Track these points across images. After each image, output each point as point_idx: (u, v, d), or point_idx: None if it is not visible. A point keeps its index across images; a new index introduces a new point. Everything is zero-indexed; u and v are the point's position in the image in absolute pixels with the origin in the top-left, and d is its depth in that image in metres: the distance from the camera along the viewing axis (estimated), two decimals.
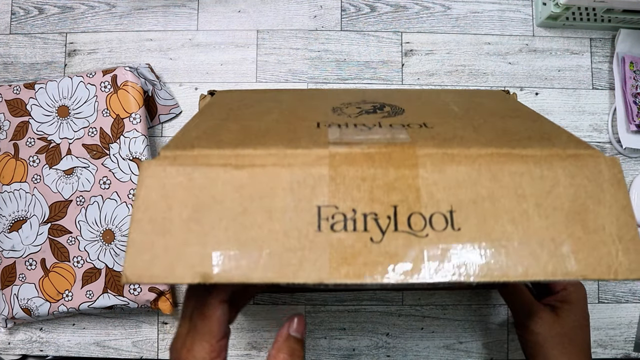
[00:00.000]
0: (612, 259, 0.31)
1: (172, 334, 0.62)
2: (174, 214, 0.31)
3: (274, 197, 0.31)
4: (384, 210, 0.31)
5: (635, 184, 0.64)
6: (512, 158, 0.32)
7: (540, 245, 0.31)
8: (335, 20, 0.67)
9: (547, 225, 0.31)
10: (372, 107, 0.42)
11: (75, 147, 0.61)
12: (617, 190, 0.32)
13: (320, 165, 0.32)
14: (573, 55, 0.67)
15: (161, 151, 0.32)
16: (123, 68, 0.61)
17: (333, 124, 0.37)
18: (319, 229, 0.31)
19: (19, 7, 0.67)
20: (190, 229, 0.31)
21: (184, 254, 0.30)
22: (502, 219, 0.31)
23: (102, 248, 0.59)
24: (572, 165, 0.32)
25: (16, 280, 0.60)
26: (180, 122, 0.65)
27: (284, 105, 0.42)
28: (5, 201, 0.61)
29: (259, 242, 0.31)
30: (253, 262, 0.30)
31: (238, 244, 0.31)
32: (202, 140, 0.34)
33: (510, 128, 0.36)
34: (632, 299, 0.64)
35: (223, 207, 0.31)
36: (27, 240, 0.60)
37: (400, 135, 0.34)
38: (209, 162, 0.32)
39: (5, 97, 0.62)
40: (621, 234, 0.31)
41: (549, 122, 0.38)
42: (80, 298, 0.59)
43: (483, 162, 0.32)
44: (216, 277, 0.30)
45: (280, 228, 0.31)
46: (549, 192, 0.32)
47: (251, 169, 0.32)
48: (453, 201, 0.31)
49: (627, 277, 0.30)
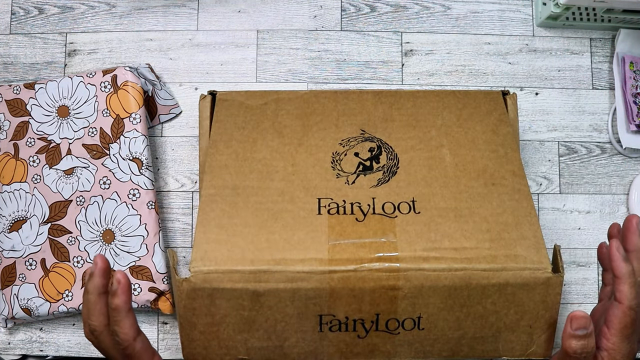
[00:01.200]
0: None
1: (172, 334, 0.62)
2: (199, 321, 0.44)
3: (285, 308, 0.44)
4: (369, 317, 0.44)
5: (635, 184, 0.64)
6: (474, 275, 0.43)
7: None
8: (335, 20, 0.67)
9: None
10: (370, 156, 0.49)
11: (75, 147, 0.61)
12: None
13: (322, 286, 0.43)
14: (573, 55, 0.67)
15: (190, 268, 0.43)
16: (123, 68, 0.61)
17: (332, 208, 0.46)
18: (320, 330, 0.44)
19: (19, 7, 0.67)
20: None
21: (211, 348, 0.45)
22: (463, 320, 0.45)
23: (102, 248, 0.59)
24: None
25: (16, 280, 0.60)
26: (180, 122, 0.65)
27: (288, 159, 0.50)
28: (5, 201, 0.61)
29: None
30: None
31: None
32: (220, 251, 0.44)
33: (489, 217, 0.46)
34: None
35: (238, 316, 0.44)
36: (27, 240, 0.60)
37: (389, 248, 0.44)
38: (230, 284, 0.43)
39: (5, 97, 0.62)
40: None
41: (526, 192, 0.47)
42: (81, 298, 0.59)
43: (455, 278, 0.43)
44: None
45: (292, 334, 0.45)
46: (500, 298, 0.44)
47: (266, 285, 0.43)
48: (422, 311, 0.44)
49: None
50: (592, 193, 0.65)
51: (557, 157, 0.65)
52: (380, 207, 0.46)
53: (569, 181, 0.65)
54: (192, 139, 0.65)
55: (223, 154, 0.50)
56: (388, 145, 0.50)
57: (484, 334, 0.45)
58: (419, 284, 0.43)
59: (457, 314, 0.44)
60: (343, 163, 0.49)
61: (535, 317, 0.44)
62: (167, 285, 0.60)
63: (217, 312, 0.44)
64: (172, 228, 0.64)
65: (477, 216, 0.46)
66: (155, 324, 0.63)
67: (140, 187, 0.59)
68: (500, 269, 0.43)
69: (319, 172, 0.48)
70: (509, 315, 0.44)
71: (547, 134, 0.66)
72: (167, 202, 0.64)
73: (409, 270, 0.42)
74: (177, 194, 0.64)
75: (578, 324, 0.41)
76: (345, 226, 0.45)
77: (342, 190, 0.47)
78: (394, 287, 0.42)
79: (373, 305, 0.43)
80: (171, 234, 0.63)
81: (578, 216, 0.64)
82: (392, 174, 0.48)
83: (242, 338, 0.45)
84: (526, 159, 0.65)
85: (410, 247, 0.43)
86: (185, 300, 0.43)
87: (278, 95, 0.55)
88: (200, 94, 0.55)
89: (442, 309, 0.44)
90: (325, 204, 0.46)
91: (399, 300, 0.43)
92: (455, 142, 0.50)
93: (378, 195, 0.47)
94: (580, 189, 0.65)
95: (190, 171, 0.64)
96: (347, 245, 0.44)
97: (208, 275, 0.42)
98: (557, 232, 0.64)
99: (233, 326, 0.44)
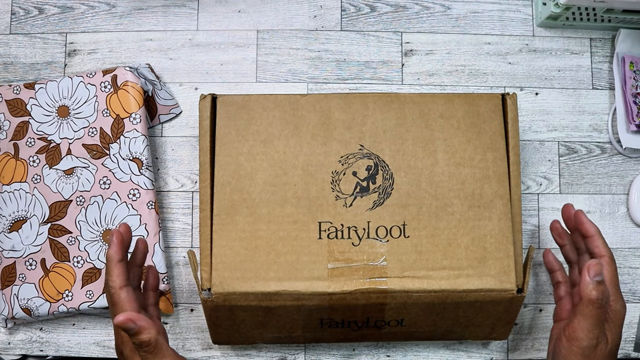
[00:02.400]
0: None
1: (172, 334, 0.62)
2: (222, 323, 0.55)
3: (292, 315, 0.54)
4: (361, 320, 0.54)
5: (635, 184, 0.64)
6: (451, 295, 0.52)
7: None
8: (335, 20, 0.67)
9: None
10: (367, 175, 0.54)
11: (75, 147, 0.61)
12: None
13: (322, 303, 0.52)
14: (573, 55, 0.67)
15: (212, 291, 0.52)
16: (123, 68, 0.61)
17: (331, 232, 0.53)
18: (321, 327, 0.55)
19: (19, 7, 0.67)
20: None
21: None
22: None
23: (102, 248, 0.59)
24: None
25: (16, 280, 0.60)
26: (180, 122, 0.65)
27: (290, 177, 0.54)
28: (5, 201, 0.61)
29: None
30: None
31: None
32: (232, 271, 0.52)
33: (470, 241, 0.53)
34: (632, 299, 0.64)
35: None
36: (27, 240, 0.60)
37: (380, 272, 0.52)
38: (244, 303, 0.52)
39: (5, 97, 0.62)
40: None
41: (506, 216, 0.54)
42: (81, 298, 0.59)
43: (434, 297, 0.52)
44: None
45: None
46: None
47: (275, 303, 0.52)
48: (405, 316, 0.54)
49: None
50: (592, 193, 0.65)
51: (557, 157, 0.65)
52: (374, 231, 0.53)
53: (569, 181, 0.65)
54: (192, 139, 0.65)
55: (227, 169, 0.54)
56: (385, 163, 0.54)
57: (454, 328, 0.57)
58: (404, 301, 0.52)
59: (434, 317, 0.55)
60: (342, 183, 0.54)
61: (497, 319, 0.55)
62: (167, 285, 0.60)
63: (236, 318, 0.54)
64: (172, 228, 0.64)
65: (460, 240, 0.53)
66: None
67: (140, 187, 0.59)
68: (474, 290, 0.52)
69: (320, 193, 0.54)
70: (476, 319, 0.55)
71: (547, 134, 0.66)
72: (167, 202, 0.64)
73: (396, 292, 0.52)
74: (177, 194, 0.64)
75: (595, 271, 0.45)
76: (343, 251, 0.53)
77: (340, 215, 0.53)
78: (383, 303, 0.52)
79: (365, 313, 0.54)
80: (171, 234, 0.63)
81: None
82: (386, 195, 0.54)
83: (258, 332, 0.56)
84: (526, 159, 0.65)
85: (398, 271, 0.52)
86: (210, 312, 0.53)
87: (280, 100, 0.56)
88: (200, 94, 0.55)
89: (422, 315, 0.54)
90: (325, 227, 0.53)
91: (386, 310, 0.53)
92: (449, 159, 0.55)
93: (373, 219, 0.53)
94: (580, 189, 0.65)
95: (190, 171, 0.64)
96: (343, 269, 0.52)
97: (228, 297, 0.52)
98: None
99: (250, 325, 0.55)
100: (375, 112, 0.55)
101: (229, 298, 0.52)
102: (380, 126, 0.55)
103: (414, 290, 0.51)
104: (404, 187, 0.54)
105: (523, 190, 0.64)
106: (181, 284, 0.63)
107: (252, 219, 0.53)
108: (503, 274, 0.52)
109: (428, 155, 0.54)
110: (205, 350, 0.62)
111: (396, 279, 0.52)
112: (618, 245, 0.64)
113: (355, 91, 0.66)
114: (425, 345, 0.62)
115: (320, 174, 0.54)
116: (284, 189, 0.53)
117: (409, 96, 0.56)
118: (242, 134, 0.54)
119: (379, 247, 0.53)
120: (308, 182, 0.54)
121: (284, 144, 0.54)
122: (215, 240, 0.52)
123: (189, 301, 0.63)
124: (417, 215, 0.53)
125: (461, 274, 0.52)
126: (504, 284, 0.52)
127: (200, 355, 0.62)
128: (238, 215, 0.53)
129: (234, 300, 0.52)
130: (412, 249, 0.53)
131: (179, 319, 0.63)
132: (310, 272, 0.52)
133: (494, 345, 0.63)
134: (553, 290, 0.58)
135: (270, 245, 0.52)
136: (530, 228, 0.64)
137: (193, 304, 0.63)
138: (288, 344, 0.62)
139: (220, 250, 0.52)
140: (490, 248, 0.53)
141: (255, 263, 0.52)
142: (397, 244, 0.53)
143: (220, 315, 0.53)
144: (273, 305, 0.52)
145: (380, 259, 0.52)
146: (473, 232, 0.53)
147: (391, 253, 0.52)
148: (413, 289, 0.51)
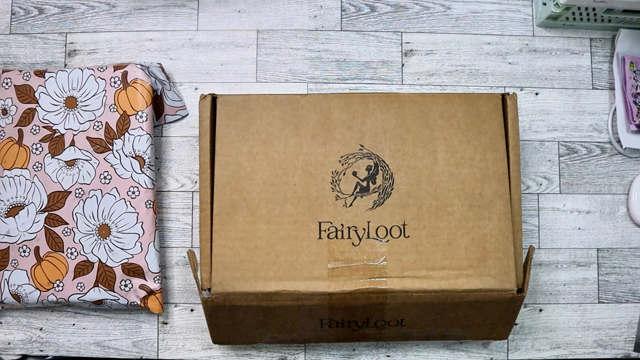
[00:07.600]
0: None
1: (172, 334, 0.62)
2: (222, 323, 0.55)
3: (292, 315, 0.54)
4: (361, 320, 0.54)
5: (635, 184, 0.64)
6: (451, 295, 0.52)
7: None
8: (335, 20, 0.67)
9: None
10: (367, 175, 0.54)
11: (79, 139, 0.61)
12: None
13: (322, 303, 0.52)
14: (573, 55, 0.67)
15: (212, 291, 0.52)
16: (135, 65, 0.61)
17: (331, 232, 0.53)
18: (321, 327, 0.55)
19: (19, 7, 0.67)
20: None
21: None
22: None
23: (97, 242, 0.59)
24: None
25: (8, 266, 0.60)
26: (180, 122, 0.65)
27: (290, 177, 0.54)
28: (5, 186, 0.61)
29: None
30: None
31: None
32: (232, 271, 0.52)
33: (470, 241, 0.53)
34: (632, 299, 0.64)
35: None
36: (23, 226, 0.60)
37: (380, 272, 0.52)
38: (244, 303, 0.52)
39: (14, 82, 0.62)
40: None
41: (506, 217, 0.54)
42: (71, 289, 0.59)
43: (434, 297, 0.52)
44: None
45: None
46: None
47: (275, 303, 0.52)
48: (405, 316, 0.54)
49: None
50: (592, 193, 0.65)
51: (557, 157, 0.65)
52: (374, 231, 0.53)
53: (569, 181, 0.65)
54: (192, 139, 0.65)
55: (227, 169, 0.54)
56: (385, 163, 0.54)
57: (454, 328, 0.56)
58: (403, 301, 0.52)
59: (434, 317, 0.54)
60: (342, 183, 0.54)
61: (497, 319, 0.55)
62: (158, 285, 0.59)
63: (236, 318, 0.54)
64: (171, 228, 0.64)
65: (460, 240, 0.53)
66: (155, 324, 0.63)
67: (141, 185, 0.59)
68: (474, 290, 0.52)
69: (320, 193, 0.53)
70: (476, 319, 0.55)
71: (547, 134, 0.66)
72: (167, 202, 0.64)
73: (396, 292, 0.51)
74: (177, 194, 0.64)
75: None
76: (343, 251, 0.52)
77: (340, 215, 0.53)
78: (383, 303, 0.52)
79: (364, 313, 0.53)
80: (171, 234, 0.63)
81: (578, 216, 0.64)
82: (387, 195, 0.54)
83: (258, 332, 0.56)
84: (526, 159, 0.65)
85: (398, 271, 0.52)
86: (210, 311, 0.53)
87: (280, 100, 0.56)
88: (200, 94, 0.55)
89: (422, 315, 0.54)
90: (325, 227, 0.53)
91: (386, 310, 0.53)
92: (449, 159, 0.54)
93: (373, 219, 0.53)
94: (580, 189, 0.65)
95: (190, 171, 0.64)
96: (344, 269, 0.52)
97: (227, 297, 0.52)
98: (557, 232, 0.64)
99: (250, 325, 0.55)
100: (375, 112, 0.55)
101: (229, 298, 0.52)
102: (380, 126, 0.55)
103: (414, 290, 0.51)
104: (404, 187, 0.54)
105: (523, 190, 0.64)
106: (181, 284, 0.63)
107: (252, 218, 0.53)
108: (503, 274, 0.52)
109: (428, 155, 0.54)
110: (205, 350, 0.62)
111: (396, 279, 0.52)
112: (618, 245, 0.64)
113: (355, 91, 0.66)
114: (425, 345, 0.62)
115: (320, 174, 0.54)
116: (284, 188, 0.53)
117: (409, 96, 0.56)
118: (242, 133, 0.54)
119: (379, 247, 0.53)
120: (308, 182, 0.54)
121: (284, 144, 0.54)
122: (215, 240, 0.52)
123: (189, 301, 0.63)
124: (417, 215, 0.53)
125: (461, 274, 0.52)
126: (504, 284, 0.52)
127: (200, 355, 0.62)
128: (238, 215, 0.53)
129: (234, 300, 0.52)
130: (412, 249, 0.53)
131: (179, 319, 0.63)
132: (310, 272, 0.52)
133: (494, 345, 0.63)
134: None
135: (270, 245, 0.52)
136: (530, 228, 0.64)
137: (193, 304, 0.63)
138: (288, 344, 0.62)
139: (220, 250, 0.52)
140: (490, 248, 0.53)
141: (255, 263, 0.52)
142: (397, 244, 0.53)
143: (220, 315, 0.54)
144: (273, 305, 0.52)
145: (380, 259, 0.52)
146: (473, 232, 0.53)
147: (391, 253, 0.52)
148: (413, 289, 0.51)
